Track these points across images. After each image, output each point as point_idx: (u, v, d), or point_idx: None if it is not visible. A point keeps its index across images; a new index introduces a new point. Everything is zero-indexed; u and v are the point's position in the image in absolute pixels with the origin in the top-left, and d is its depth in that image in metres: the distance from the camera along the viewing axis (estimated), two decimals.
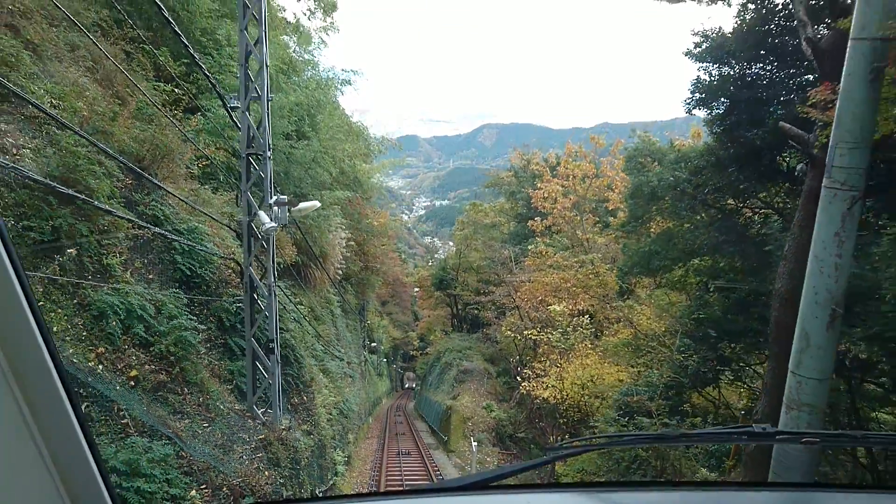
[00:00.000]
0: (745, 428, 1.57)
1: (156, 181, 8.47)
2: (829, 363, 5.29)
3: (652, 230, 18.38)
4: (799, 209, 7.83)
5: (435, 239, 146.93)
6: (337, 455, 13.55)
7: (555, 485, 2.31)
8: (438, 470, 18.05)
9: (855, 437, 1.63)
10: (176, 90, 12.05)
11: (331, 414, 13.43)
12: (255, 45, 7.30)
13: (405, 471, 17.67)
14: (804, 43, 7.38)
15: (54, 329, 6.40)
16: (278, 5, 27.84)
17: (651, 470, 11.08)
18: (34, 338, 0.98)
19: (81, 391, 5.96)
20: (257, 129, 7.49)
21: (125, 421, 6.17)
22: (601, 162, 25.86)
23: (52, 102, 8.71)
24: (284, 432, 8.22)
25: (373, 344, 39.18)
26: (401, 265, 49.84)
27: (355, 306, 29.76)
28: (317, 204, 8.14)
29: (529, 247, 25.78)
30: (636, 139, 20.01)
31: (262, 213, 7.24)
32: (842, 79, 4.90)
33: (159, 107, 9.72)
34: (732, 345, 11.99)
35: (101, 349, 6.79)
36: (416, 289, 55.38)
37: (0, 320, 0.94)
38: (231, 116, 7.57)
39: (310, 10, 28.88)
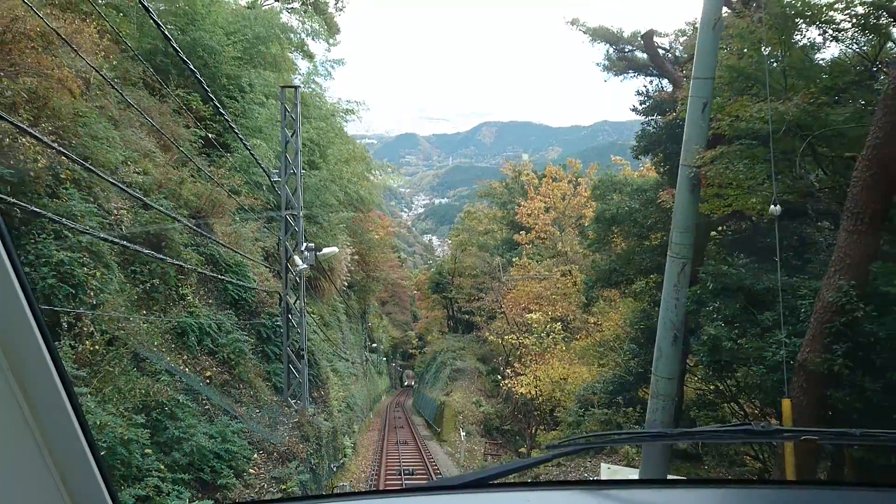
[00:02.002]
0: (745, 426, 1.53)
1: (208, 234, 11.30)
2: (675, 368, 8.07)
3: (621, 247, 21.19)
4: None
5: (434, 237, 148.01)
6: (346, 441, 16.39)
7: (554, 483, 2.41)
8: (432, 456, 20.87)
9: (853, 435, 1.62)
10: (209, 135, 14.86)
11: (341, 406, 16.27)
12: (292, 136, 10.10)
13: (403, 456, 20.53)
14: None
15: (155, 343, 9.18)
16: (285, 24, 30.59)
17: None
18: (34, 338, 0.97)
19: (172, 388, 8.71)
20: (292, 195, 10.28)
21: (207, 407, 8.98)
22: (580, 182, 28.68)
23: (133, 168, 11.48)
24: (311, 417, 11.05)
25: (373, 344, 42.01)
26: (399, 270, 52.53)
27: (357, 311, 32.61)
28: (335, 250, 10.93)
29: (514, 259, 28.63)
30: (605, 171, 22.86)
31: (296, 257, 10.02)
32: (676, 187, 7.70)
33: (210, 174, 12.53)
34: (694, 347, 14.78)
35: (185, 357, 9.60)
36: (415, 291, 58.26)
37: (0, 320, 0.93)
38: (272, 184, 10.35)
39: (314, 30, 31.81)
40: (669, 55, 12.59)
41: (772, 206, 5.70)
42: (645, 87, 14.94)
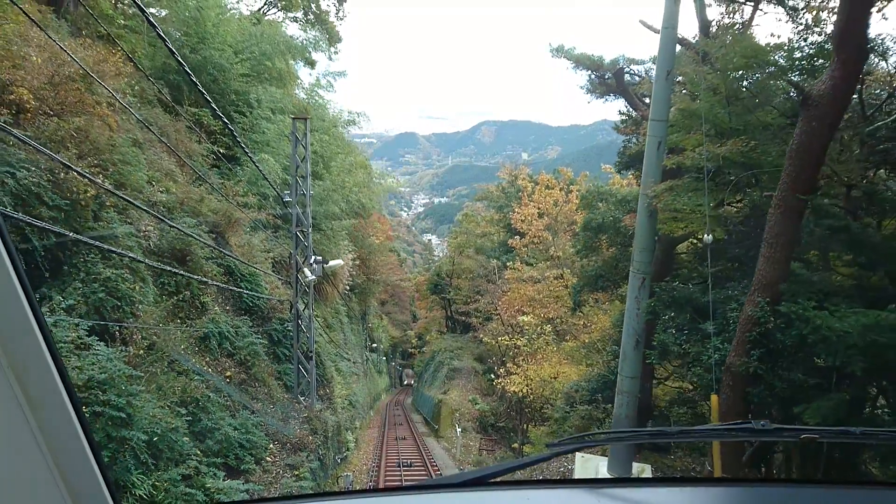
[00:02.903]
0: (745, 425, 1.53)
1: (224, 249, 12.50)
2: (637, 368, 9.27)
3: (609, 253, 22.42)
4: None
5: (433, 237, 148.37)
6: (348, 436, 17.61)
7: (555, 481, 2.27)
8: (429, 451, 22.11)
9: (853, 434, 1.64)
10: (220, 150, 16.09)
11: (344, 403, 17.49)
12: (302, 161, 11.29)
13: (402, 451, 21.77)
14: None
15: (182, 347, 10.37)
16: (290, 36, 31.95)
17: None
18: (34, 337, 0.97)
19: (204, 385, 9.91)
20: (302, 213, 11.49)
21: (228, 403, 10.18)
22: (571, 189, 29.92)
23: (156, 188, 12.62)
24: (318, 413, 12.25)
25: (373, 344, 43.26)
26: (399, 271, 53.73)
27: (358, 312, 33.84)
28: (341, 262, 12.12)
29: (508, 262, 29.88)
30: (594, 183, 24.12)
31: (306, 269, 11.23)
32: (637, 213, 8.90)
33: (224, 189, 13.74)
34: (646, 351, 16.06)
35: (208, 359, 10.80)
36: (415, 293, 59.55)
37: (0, 320, 0.94)
38: (284, 203, 11.55)
39: (315, 39, 33.12)
40: (644, 81, 13.76)
41: (705, 236, 6.91)
42: (626, 107, 16.09)
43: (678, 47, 9.92)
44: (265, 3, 31.99)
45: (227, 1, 23.41)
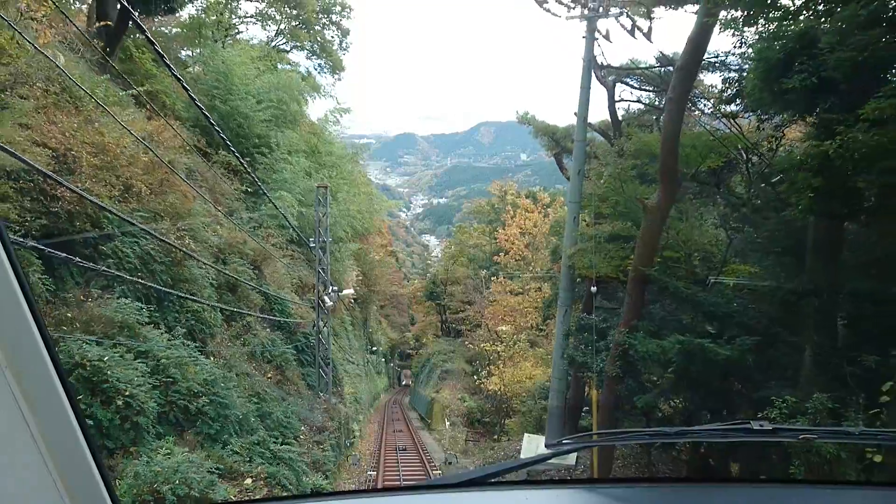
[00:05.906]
0: (744, 425, 1.55)
1: (260, 285, 16.35)
2: (563, 373, 13.08)
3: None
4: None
5: (432, 237, 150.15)
6: (354, 426, 21.46)
7: (553, 481, 2.33)
8: (421, 440, 25.97)
9: (852, 434, 1.68)
10: (247, 188, 19.96)
11: (351, 399, 21.36)
12: (322, 216, 15.13)
13: (398, 440, 25.66)
14: None
15: (239, 358, 14.14)
16: (293, 61, 35.94)
17: None
18: (34, 338, 0.98)
19: (263, 384, 13.69)
20: (324, 254, 15.31)
21: (273, 396, 13.99)
22: (548, 212, 33.92)
23: (209, 232, 16.33)
24: (334, 405, 16.11)
25: (373, 348, 47.15)
26: (398, 276, 57.58)
27: (360, 319, 37.74)
28: (352, 291, 15.93)
29: (493, 278, 33.86)
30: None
31: (325, 297, 15.06)
32: (561, 265, 12.71)
33: (254, 223, 17.58)
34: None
35: (254, 365, 14.61)
36: (412, 298, 63.58)
37: (0, 321, 0.95)
38: (310, 248, 15.36)
39: (320, 66, 37.10)
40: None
41: (592, 287, 10.74)
42: None
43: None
44: (276, 34, 35.92)
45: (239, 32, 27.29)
